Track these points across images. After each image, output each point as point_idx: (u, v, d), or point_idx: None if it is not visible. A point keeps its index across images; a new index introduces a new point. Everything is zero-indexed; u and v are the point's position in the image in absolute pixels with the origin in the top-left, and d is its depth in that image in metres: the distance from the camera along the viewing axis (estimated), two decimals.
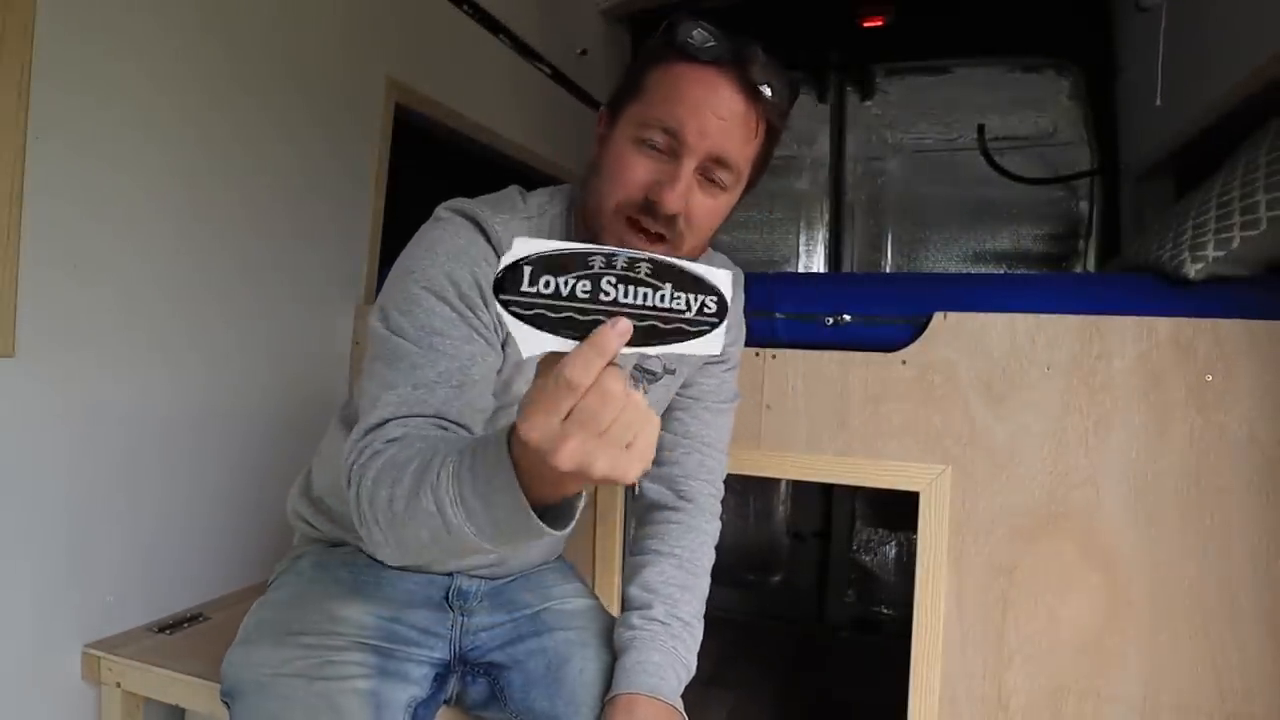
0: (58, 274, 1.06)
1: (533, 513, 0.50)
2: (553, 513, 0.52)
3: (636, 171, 0.72)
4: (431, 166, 2.06)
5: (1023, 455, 1.05)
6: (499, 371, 0.78)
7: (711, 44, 0.70)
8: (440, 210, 0.79)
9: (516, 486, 0.50)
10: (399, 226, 0.80)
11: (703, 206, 0.73)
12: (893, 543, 2.23)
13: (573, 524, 0.54)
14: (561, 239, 0.80)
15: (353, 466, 0.65)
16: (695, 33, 0.70)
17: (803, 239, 2.64)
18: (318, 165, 1.52)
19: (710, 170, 0.72)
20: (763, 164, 0.78)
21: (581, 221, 0.79)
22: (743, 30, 0.72)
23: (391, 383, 0.69)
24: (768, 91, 0.71)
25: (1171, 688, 1.00)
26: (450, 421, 0.68)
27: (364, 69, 1.61)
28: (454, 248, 0.74)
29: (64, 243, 1.07)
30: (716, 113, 0.70)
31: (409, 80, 1.72)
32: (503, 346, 0.77)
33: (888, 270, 2.55)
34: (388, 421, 0.66)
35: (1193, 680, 0.99)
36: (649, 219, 0.72)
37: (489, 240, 0.75)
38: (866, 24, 2.45)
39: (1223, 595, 0.98)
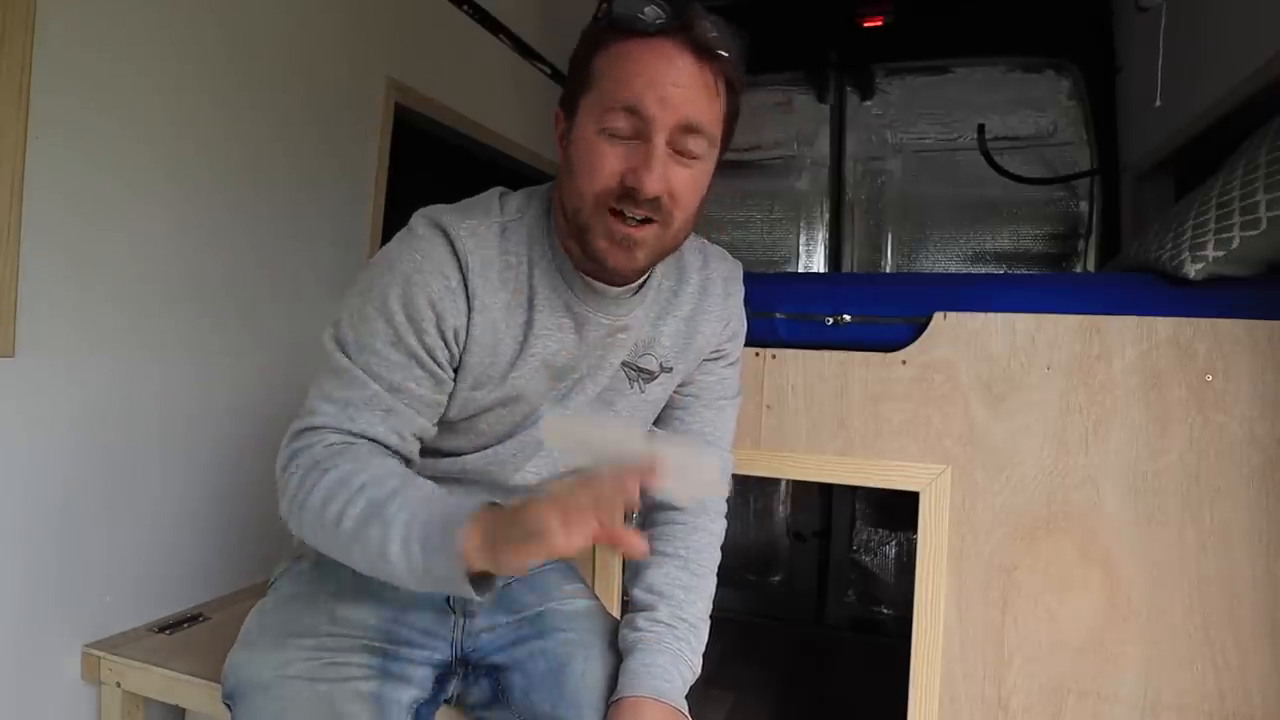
0: (57, 274, 1.06)
1: (468, 583, 0.62)
2: (475, 582, 0.63)
3: (608, 160, 0.70)
4: (431, 166, 2.06)
5: (1023, 455, 1.05)
6: (454, 393, 0.79)
7: (652, 15, 0.68)
8: (414, 218, 0.79)
9: (462, 561, 0.61)
10: (399, 227, 0.80)
11: (681, 179, 0.71)
12: (893, 543, 2.23)
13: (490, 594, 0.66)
14: (542, 241, 0.80)
15: (289, 463, 0.72)
16: (633, 7, 0.69)
17: (803, 239, 2.64)
18: (318, 165, 1.52)
19: (681, 141, 0.70)
20: (730, 125, 0.76)
21: (562, 223, 0.78)
22: (742, 30, 0.72)
23: (328, 394, 0.74)
24: (719, 49, 0.70)
25: (1171, 688, 1.00)
26: (376, 441, 0.73)
27: (364, 69, 1.61)
28: (413, 264, 0.74)
29: (64, 243, 1.07)
30: (675, 81, 0.68)
31: (409, 80, 1.72)
32: (455, 369, 0.78)
33: (888, 270, 2.55)
34: (321, 429, 0.73)
35: (1193, 680, 0.99)
36: (631, 205, 0.70)
37: (454, 250, 0.75)
38: (866, 24, 2.45)
39: (1223, 595, 0.98)
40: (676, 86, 0.68)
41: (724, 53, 0.70)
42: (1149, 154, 1.90)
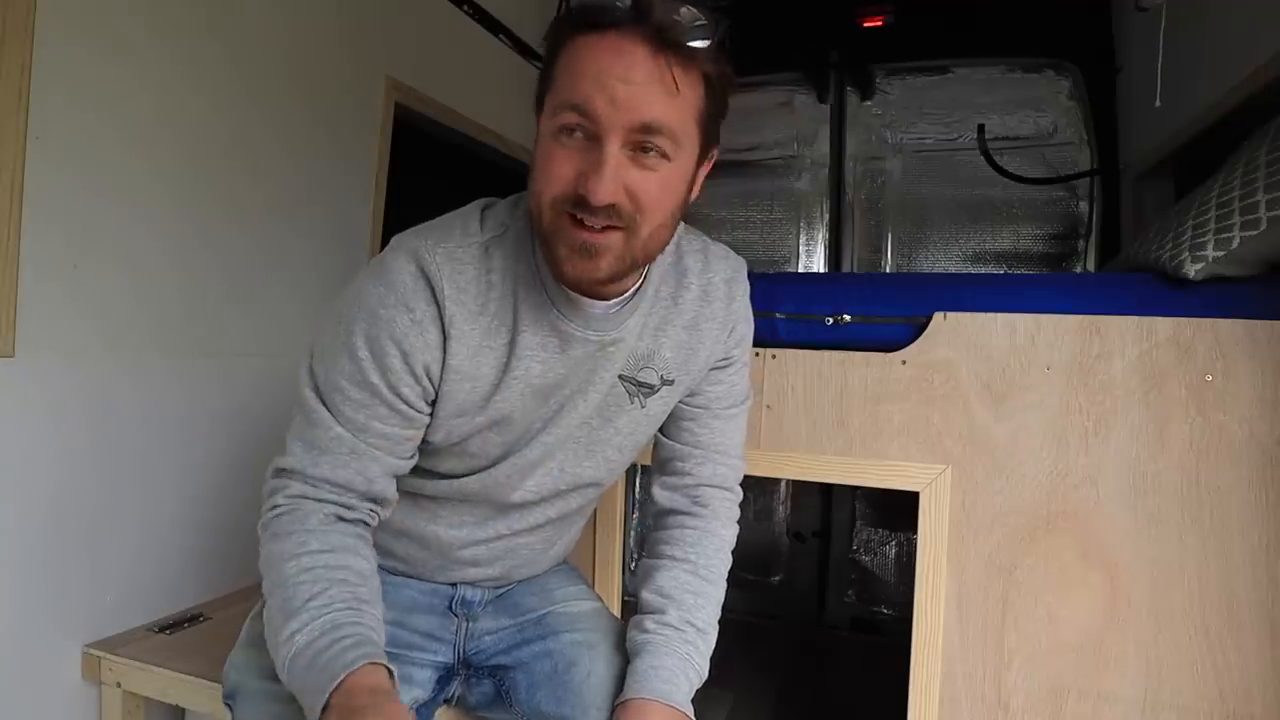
0: (58, 275, 1.06)
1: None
2: None
3: (561, 165, 0.66)
4: (431, 166, 2.06)
5: (1023, 455, 1.05)
6: (437, 421, 0.78)
7: (606, 4, 0.63)
8: (390, 245, 0.76)
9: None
10: (399, 226, 0.79)
11: (647, 183, 0.66)
12: (893, 543, 2.23)
13: None
14: (527, 256, 0.76)
15: (265, 500, 0.75)
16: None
17: (803, 239, 2.64)
18: (318, 165, 1.52)
19: (641, 142, 0.65)
20: (712, 118, 0.70)
21: (535, 232, 0.73)
22: (742, 30, 0.68)
23: (299, 432, 0.75)
24: (681, 37, 0.63)
25: (1171, 688, 1.00)
26: (339, 485, 0.74)
27: (364, 69, 1.61)
28: (378, 299, 0.72)
29: (64, 244, 1.07)
30: (625, 79, 0.63)
31: (409, 80, 1.72)
32: (434, 401, 0.77)
33: (888, 270, 2.55)
34: (292, 472, 0.74)
35: (1193, 680, 0.99)
36: (586, 213, 0.66)
37: (427, 278, 0.72)
38: (866, 24, 2.45)
39: (1223, 595, 0.98)
40: (627, 84, 0.63)
41: (689, 42, 0.64)
42: (1149, 154, 1.90)
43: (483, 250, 0.75)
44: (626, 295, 0.78)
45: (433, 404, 0.77)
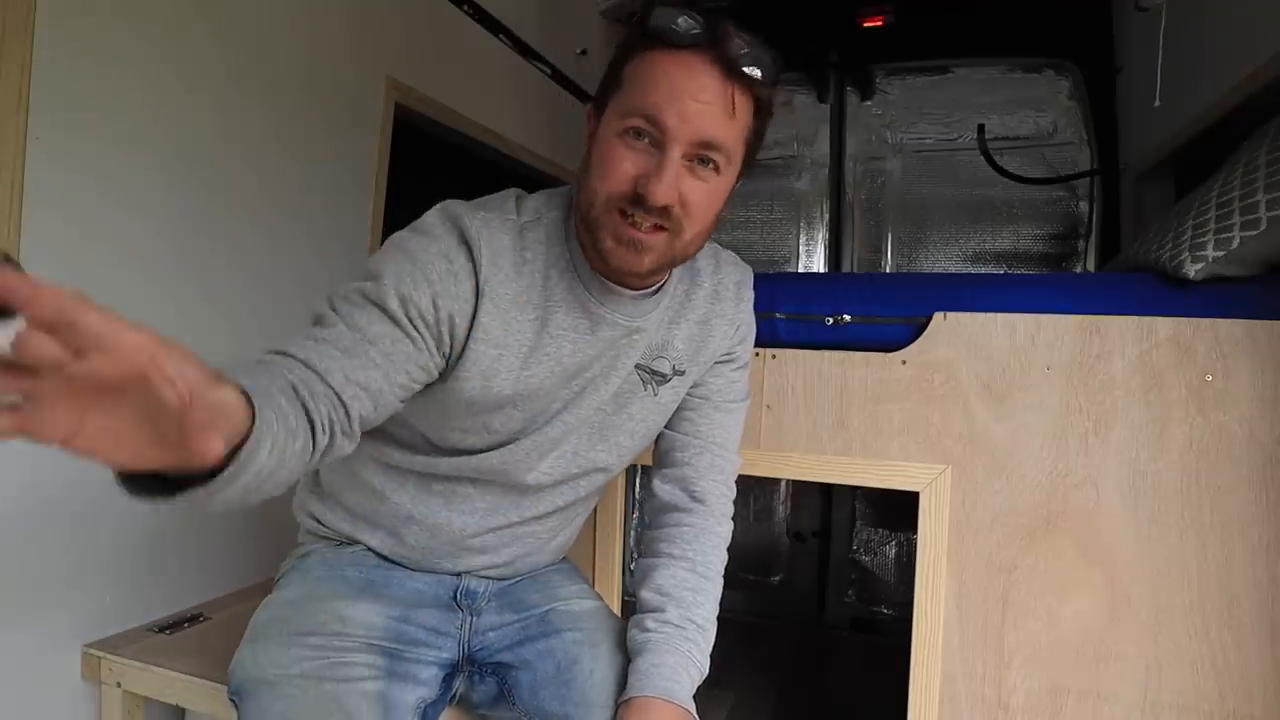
0: (58, 276, 1.06)
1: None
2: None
3: (623, 164, 0.72)
4: (431, 166, 2.06)
5: (1023, 455, 1.05)
6: (465, 383, 0.77)
7: (685, 28, 0.70)
8: (428, 211, 0.79)
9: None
10: (399, 227, 0.80)
11: (697, 192, 0.73)
12: (893, 543, 2.23)
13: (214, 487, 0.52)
14: (560, 243, 0.82)
15: None
16: (668, 19, 0.70)
17: (803, 239, 2.64)
18: (317, 166, 1.52)
19: (698, 155, 0.72)
20: (755, 141, 0.77)
21: (580, 221, 0.79)
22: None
23: (300, 332, 0.70)
24: (746, 68, 0.71)
25: (1171, 688, 1.00)
26: (314, 371, 0.65)
27: (364, 69, 1.61)
28: (418, 245, 0.74)
29: (64, 244, 1.07)
30: (696, 96, 0.70)
31: (409, 80, 1.72)
32: (450, 357, 0.77)
33: (888, 270, 2.55)
34: (271, 352, 0.67)
35: (1193, 680, 0.99)
36: (641, 212, 0.72)
37: (465, 238, 0.76)
38: (866, 24, 2.46)
39: (1223, 595, 0.98)
40: (697, 102, 0.70)
41: (752, 72, 0.71)
42: (1149, 154, 1.90)
43: (519, 230, 0.80)
44: (652, 288, 0.84)
45: (450, 360, 0.77)
